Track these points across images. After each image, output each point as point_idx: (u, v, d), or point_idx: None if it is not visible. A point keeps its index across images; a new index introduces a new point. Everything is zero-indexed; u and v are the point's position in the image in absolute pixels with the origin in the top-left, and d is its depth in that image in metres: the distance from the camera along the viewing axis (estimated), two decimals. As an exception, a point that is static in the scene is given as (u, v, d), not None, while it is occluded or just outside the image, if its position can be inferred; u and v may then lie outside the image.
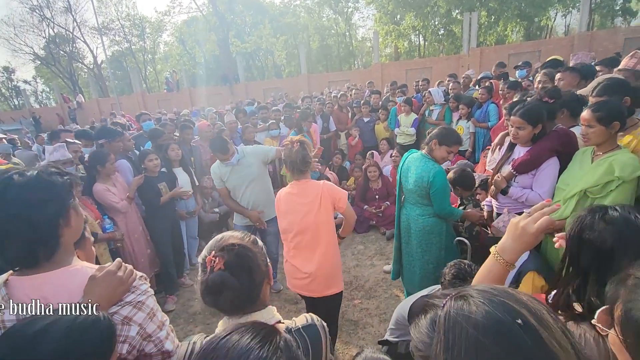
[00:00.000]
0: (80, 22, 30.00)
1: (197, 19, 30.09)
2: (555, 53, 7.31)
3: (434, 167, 2.48)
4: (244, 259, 1.00)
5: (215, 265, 0.97)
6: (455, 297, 0.56)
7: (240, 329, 0.74)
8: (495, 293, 0.54)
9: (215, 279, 0.96)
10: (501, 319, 0.49)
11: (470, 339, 0.49)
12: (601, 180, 1.88)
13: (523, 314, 0.50)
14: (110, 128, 3.84)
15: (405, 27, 24.09)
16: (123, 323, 1.01)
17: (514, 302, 0.51)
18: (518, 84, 4.40)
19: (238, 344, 0.69)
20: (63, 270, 1.01)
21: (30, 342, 0.72)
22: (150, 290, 1.12)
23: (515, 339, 0.48)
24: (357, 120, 6.33)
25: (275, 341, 0.72)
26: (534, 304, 0.52)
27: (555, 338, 0.48)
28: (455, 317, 0.52)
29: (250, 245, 1.06)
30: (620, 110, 1.90)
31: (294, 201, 2.22)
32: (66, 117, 19.80)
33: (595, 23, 23.17)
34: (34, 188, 0.98)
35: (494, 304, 0.51)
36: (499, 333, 0.48)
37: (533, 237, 0.97)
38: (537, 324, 0.49)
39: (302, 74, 17.52)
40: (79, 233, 1.14)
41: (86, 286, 1.00)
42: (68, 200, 1.04)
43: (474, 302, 0.53)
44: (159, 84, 32.96)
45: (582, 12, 13.50)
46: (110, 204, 3.21)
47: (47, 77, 33.58)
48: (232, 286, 0.95)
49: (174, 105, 15.69)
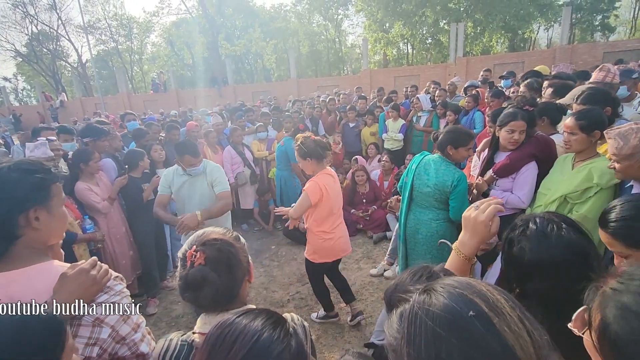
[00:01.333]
0: (65, 20, 29.46)
1: (186, 20, 29.90)
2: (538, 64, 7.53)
3: (457, 171, 2.46)
4: (226, 254, 0.98)
5: (196, 260, 0.95)
6: (421, 291, 0.58)
7: (250, 312, 0.74)
8: (456, 285, 0.56)
9: (195, 274, 0.94)
10: (456, 309, 0.51)
11: (428, 331, 0.51)
12: (580, 187, 1.95)
13: (477, 303, 0.52)
14: (97, 127, 3.74)
15: (393, 35, 24.49)
16: (94, 325, 0.97)
17: (471, 293, 0.53)
18: (502, 93, 4.51)
19: (250, 325, 0.69)
20: (32, 268, 0.96)
21: None
22: (126, 291, 1.08)
23: (468, 328, 0.50)
24: (343, 124, 6.37)
25: (286, 326, 0.72)
26: (493, 294, 0.54)
27: (509, 325, 0.50)
28: (417, 310, 0.54)
29: (232, 240, 1.05)
30: (602, 119, 1.98)
31: (333, 184, 2.73)
32: (48, 116, 19.29)
33: (576, 37, 24.08)
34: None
35: (452, 296, 0.54)
36: (453, 324, 0.51)
37: (483, 226, 1.03)
38: (490, 312, 0.51)
39: (291, 78, 17.56)
40: (58, 235, 1.09)
41: (56, 284, 0.96)
42: (33, 200, 0.98)
43: (435, 296, 0.55)
44: (146, 84, 32.46)
45: (563, 26, 14.00)
46: (91, 203, 3.13)
47: (29, 74, 32.67)
48: (212, 281, 0.94)
49: (161, 106, 15.49)
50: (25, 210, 0.97)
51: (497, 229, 1.05)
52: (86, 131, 3.68)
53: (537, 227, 1.01)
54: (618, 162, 1.68)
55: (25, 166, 1.01)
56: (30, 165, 1.02)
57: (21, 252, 0.97)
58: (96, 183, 3.24)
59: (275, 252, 4.55)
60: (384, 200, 4.94)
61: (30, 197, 0.98)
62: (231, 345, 0.66)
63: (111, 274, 1.05)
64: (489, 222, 1.03)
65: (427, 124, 5.62)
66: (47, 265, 1.00)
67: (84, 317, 0.96)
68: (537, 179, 2.32)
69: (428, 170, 2.55)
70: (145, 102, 19.32)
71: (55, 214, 1.05)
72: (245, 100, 13.28)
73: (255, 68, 32.99)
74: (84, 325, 0.97)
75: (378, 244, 4.53)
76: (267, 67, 31.68)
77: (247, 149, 5.20)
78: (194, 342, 0.98)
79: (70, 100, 22.35)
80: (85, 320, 0.97)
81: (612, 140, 1.67)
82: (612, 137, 1.67)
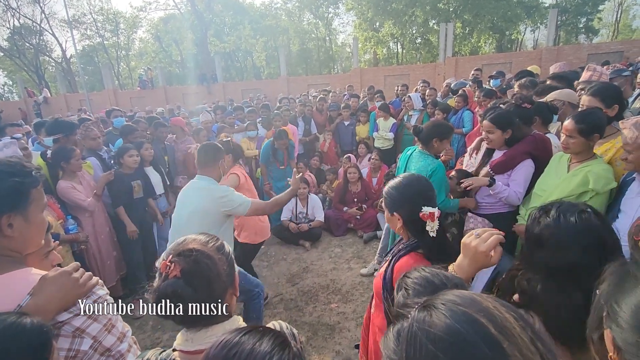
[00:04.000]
0: (48, 14, 28.63)
1: (174, 16, 29.44)
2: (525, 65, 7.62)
3: (433, 161, 2.59)
4: (202, 267, 0.89)
5: (170, 272, 0.87)
6: (420, 308, 0.54)
7: (254, 332, 0.69)
8: (459, 302, 0.51)
9: (166, 288, 0.86)
10: (459, 331, 0.47)
11: (429, 355, 0.47)
12: (576, 191, 1.94)
13: (483, 324, 0.47)
14: (65, 121, 3.53)
15: (384, 35, 24.57)
16: (74, 336, 0.91)
17: (476, 312, 0.49)
18: (493, 92, 4.54)
19: (259, 347, 0.64)
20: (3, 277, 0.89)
21: None
22: (109, 298, 1.01)
23: (473, 353, 0.45)
24: (338, 123, 6.33)
25: (292, 347, 0.68)
26: (501, 312, 0.49)
27: (520, 349, 0.45)
28: (416, 331, 0.50)
29: (211, 252, 0.95)
30: (602, 123, 1.96)
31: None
32: (30, 112, 18.74)
33: (561, 39, 24.56)
34: None
35: (455, 315, 0.49)
36: (456, 347, 0.46)
37: (483, 256, 1.02)
38: (498, 333, 0.46)
39: (281, 76, 17.44)
40: (33, 243, 1.01)
41: (36, 286, 0.89)
42: (7, 206, 0.92)
43: (436, 314, 0.50)
44: (133, 81, 31.87)
45: (549, 28, 14.26)
46: (76, 202, 3.02)
47: (11, 69, 31.63)
48: (185, 296, 0.85)
49: (148, 103, 15.20)
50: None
51: (499, 260, 1.04)
52: (54, 127, 3.37)
53: (563, 205, 1.06)
54: (631, 153, 1.66)
55: (3, 168, 0.94)
56: (8, 167, 0.95)
57: None
58: (79, 181, 3.13)
59: (265, 251, 4.49)
60: (375, 200, 4.94)
61: (6, 201, 0.91)
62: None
63: (95, 280, 0.99)
64: (489, 254, 1.02)
65: (418, 122, 5.63)
66: (19, 273, 0.93)
67: (64, 327, 0.90)
68: (533, 177, 2.32)
69: (411, 163, 2.74)
70: (132, 99, 18.95)
71: (32, 220, 0.99)
72: (234, 98, 13.15)
73: (245, 65, 32.70)
74: (63, 335, 0.91)
75: (368, 243, 4.51)
76: (257, 65, 31.43)
77: (236, 147, 5.12)
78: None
79: (54, 97, 21.74)
80: (64, 330, 0.90)
81: (628, 131, 1.66)
82: (628, 127, 1.66)
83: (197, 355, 0.89)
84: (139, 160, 3.45)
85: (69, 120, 3.50)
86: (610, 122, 2.12)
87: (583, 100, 2.23)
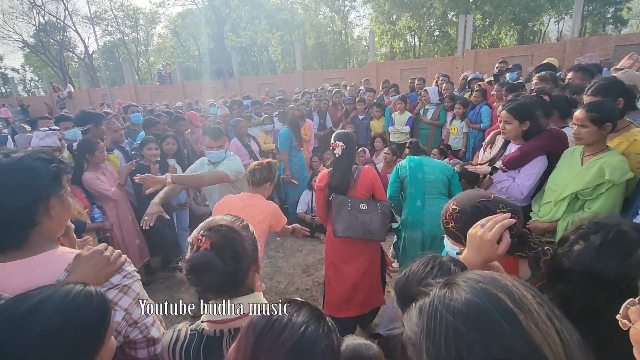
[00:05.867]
0: (72, 10, 29.48)
1: (192, 11, 29.76)
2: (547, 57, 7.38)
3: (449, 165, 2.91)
4: (231, 241, 0.99)
5: (202, 244, 0.96)
6: (442, 285, 0.57)
7: (293, 303, 0.74)
8: (479, 279, 0.54)
9: (199, 258, 0.95)
10: (479, 305, 0.50)
11: (449, 326, 0.50)
12: (592, 183, 1.91)
13: (501, 299, 0.50)
14: (92, 112, 3.71)
15: (401, 27, 24.19)
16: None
17: (495, 288, 0.52)
18: (516, 87, 4.42)
19: (297, 317, 0.69)
20: (42, 256, 0.97)
21: (22, 321, 0.69)
22: (137, 275, 1.09)
23: (492, 325, 0.48)
24: (353, 117, 6.32)
25: (327, 321, 0.73)
26: (519, 289, 0.52)
27: (536, 322, 0.48)
28: (437, 305, 0.53)
29: (239, 228, 1.04)
30: (614, 112, 1.93)
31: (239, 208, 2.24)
32: (55, 107, 19.40)
33: (587, 30, 23.60)
34: (13, 171, 0.93)
35: (475, 290, 0.52)
36: (476, 320, 0.49)
37: (490, 245, 0.97)
38: (515, 308, 0.49)
39: (297, 71, 17.46)
40: (63, 225, 1.10)
41: (71, 265, 0.97)
42: (51, 188, 1.00)
43: (456, 290, 0.53)
44: (152, 76, 32.49)
45: (574, 19, 13.72)
46: (100, 191, 3.16)
47: (37, 65, 32.83)
48: (215, 267, 0.94)
49: (167, 97, 15.51)
50: (47, 198, 0.98)
51: (506, 251, 0.98)
52: (84, 117, 3.53)
53: (607, 237, 0.91)
54: None
55: (44, 156, 1.02)
56: (47, 155, 1.04)
57: (36, 241, 0.98)
58: (102, 172, 3.27)
59: (281, 243, 4.58)
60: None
61: (51, 185, 0.99)
62: (279, 334, 0.66)
63: (124, 257, 1.07)
64: (495, 242, 0.97)
65: (434, 117, 5.57)
66: (57, 252, 1.01)
67: None
68: (547, 173, 2.27)
69: (422, 166, 2.81)
70: (151, 94, 19.36)
71: (65, 204, 1.07)
72: (250, 92, 13.26)
73: (260, 60, 32.82)
74: None
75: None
76: (272, 59, 31.50)
77: (253, 140, 5.19)
78: (204, 331, 0.99)
79: (78, 91, 22.45)
80: None
81: None
82: None
83: (224, 324, 0.97)
84: (158, 154, 3.57)
85: (96, 111, 3.67)
86: (621, 116, 2.07)
87: (585, 101, 2.19)
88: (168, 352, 1.01)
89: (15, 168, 0.94)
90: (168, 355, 1.01)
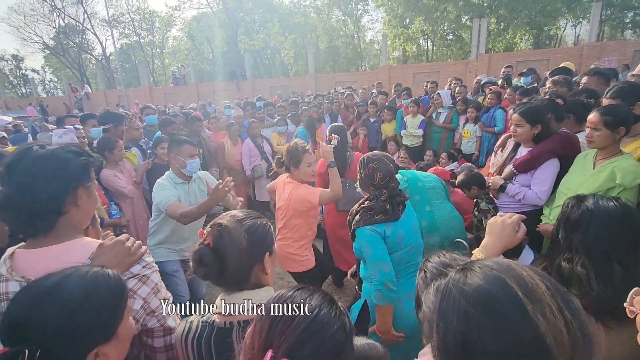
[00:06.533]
0: (90, 14, 30.31)
1: (206, 15, 30.24)
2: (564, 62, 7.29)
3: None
4: (226, 240, 1.01)
5: (205, 239, 1.01)
6: (459, 270, 0.60)
7: (305, 289, 0.78)
8: (494, 267, 0.56)
9: (199, 252, 1.01)
10: (490, 291, 0.52)
11: (460, 308, 0.53)
12: (603, 187, 1.90)
13: (512, 288, 0.52)
14: (115, 112, 3.83)
15: (414, 31, 24.11)
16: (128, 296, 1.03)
17: (509, 277, 0.54)
18: (530, 91, 4.38)
19: (310, 300, 0.73)
20: (68, 243, 1.02)
21: (48, 293, 0.74)
22: (155, 266, 1.13)
23: (501, 311, 0.50)
24: (365, 120, 6.33)
25: (337, 305, 0.76)
26: (533, 279, 0.54)
27: (544, 313, 0.49)
28: (451, 287, 0.56)
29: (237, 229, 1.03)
30: (628, 115, 1.91)
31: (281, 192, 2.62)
32: (73, 107, 19.92)
33: (605, 34, 23.14)
34: (47, 161, 1.00)
35: (488, 277, 0.54)
36: (485, 305, 0.51)
37: (511, 228, 1.07)
38: (524, 297, 0.51)
39: (309, 74, 17.56)
40: (89, 216, 1.15)
41: (95, 253, 1.02)
42: (80, 180, 1.05)
43: (471, 276, 0.56)
44: (166, 77, 33.10)
45: (592, 23, 13.49)
46: (117, 189, 3.24)
47: (56, 67, 33.82)
48: (208, 262, 0.99)
49: (181, 99, 15.77)
50: (75, 188, 1.04)
51: (524, 236, 1.08)
52: (106, 117, 3.69)
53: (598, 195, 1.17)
54: None
55: (75, 148, 1.08)
56: (78, 148, 1.10)
57: (63, 228, 1.04)
58: (120, 170, 3.36)
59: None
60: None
61: (80, 176, 1.06)
62: (293, 318, 0.69)
63: (144, 248, 1.11)
64: (516, 227, 1.06)
65: (446, 120, 5.55)
66: (82, 240, 1.07)
67: None
68: (559, 177, 2.26)
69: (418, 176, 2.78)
70: (165, 95, 19.71)
71: (92, 195, 1.12)
72: (262, 95, 13.38)
73: (273, 63, 33.12)
74: None
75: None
76: (285, 62, 31.76)
77: (266, 142, 5.25)
78: (214, 323, 1.02)
79: (95, 92, 23.02)
80: None
81: None
82: None
83: (234, 316, 1.00)
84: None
85: (118, 112, 3.80)
86: (638, 120, 2.05)
87: (604, 104, 2.17)
88: (181, 342, 1.04)
89: (49, 158, 1.00)
90: (181, 345, 1.04)
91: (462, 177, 2.99)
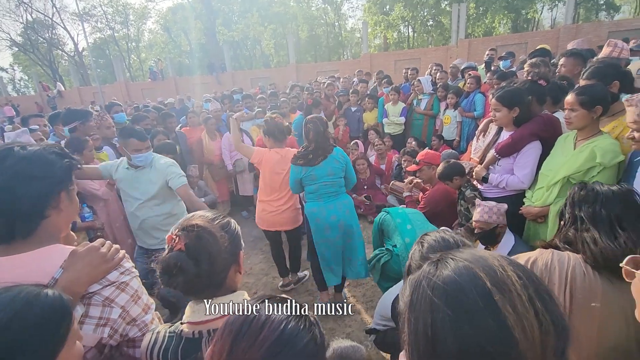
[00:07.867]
0: (60, 7, 29.12)
1: (182, 6, 29.40)
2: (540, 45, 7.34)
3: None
4: (204, 242, 0.93)
5: (175, 244, 0.93)
6: (431, 262, 0.59)
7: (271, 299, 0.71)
8: (466, 258, 0.55)
9: (170, 260, 0.91)
10: (457, 281, 0.51)
11: (427, 300, 0.52)
12: (583, 167, 1.92)
13: (480, 278, 0.51)
14: (78, 109, 3.60)
15: (394, 18, 24.04)
16: (104, 305, 0.97)
17: (479, 267, 0.52)
18: (507, 75, 4.40)
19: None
20: (41, 251, 0.96)
21: None
22: (135, 271, 1.07)
23: (465, 302, 0.49)
24: (345, 109, 6.26)
25: (309, 316, 0.70)
26: (504, 270, 0.52)
27: (513, 304, 0.48)
28: (421, 280, 0.56)
29: (215, 229, 0.98)
30: (604, 95, 1.92)
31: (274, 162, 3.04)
32: (45, 106, 19.17)
33: (580, 16, 23.55)
34: (29, 162, 0.94)
35: (457, 269, 0.53)
36: (450, 296, 0.51)
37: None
38: (492, 287, 0.49)
39: (290, 64, 17.31)
40: (69, 222, 1.09)
41: (67, 261, 0.95)
42: (64, 182, 1.00)
43: (441, 267, 0.55)
44: (143, 72, 32.14)
45: (567, 6, 13.65)
46: (90, 191, 3.10)
47: (26, 64, 32.35)
48: (187, 269, 0.90)
49: (159, 94, 15.34)
50: (59, 191, 0.99)
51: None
52: (69, 115, 3.39)
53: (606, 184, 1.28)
54: (638, 131, 1.64)
55: (58, 150, 1.02)
56: (59, 149, 1.04)
57: (41, 234, 0.98)
58: (93, 171, 3.21)
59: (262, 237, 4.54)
60: (386, 182, 4.94)
61: (63, 179, 1.00)
62: (257, 333, 0.63)
63: (123, 253, 1.04)
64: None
65: (427, 107, 5.53)
66: (56, 247, 1.00)
67: (94, 297, 0.96)
68: (542, 159, 2.27)
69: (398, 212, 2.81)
70: (143, 91, 19.16)
71: (73, 200, 1.07)
72: (243, 87, 13.14)
73: (253, 54, 32.52)
74: (94, 304, 0.96)
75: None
76: (265, 53, 31.22)
77: (246, 135, 5.14)
78: (182, 333, 0.95)
79: (68, 90, 22.16)
80: (95, 299, 0.96)
81: (634, 108, 1.62)
82: (634, 105, 1.62)
83: (203, 325, 0.94)
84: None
85: (81, 109, 3.58)
86: (616, 99, 2.06)
87: (580, 85, 2.18)
88: (146, 355, 0.97)
89: (33, 160, 0.95)
90: (146, 358, 0.97)
91: (441, 169, 2.92)
